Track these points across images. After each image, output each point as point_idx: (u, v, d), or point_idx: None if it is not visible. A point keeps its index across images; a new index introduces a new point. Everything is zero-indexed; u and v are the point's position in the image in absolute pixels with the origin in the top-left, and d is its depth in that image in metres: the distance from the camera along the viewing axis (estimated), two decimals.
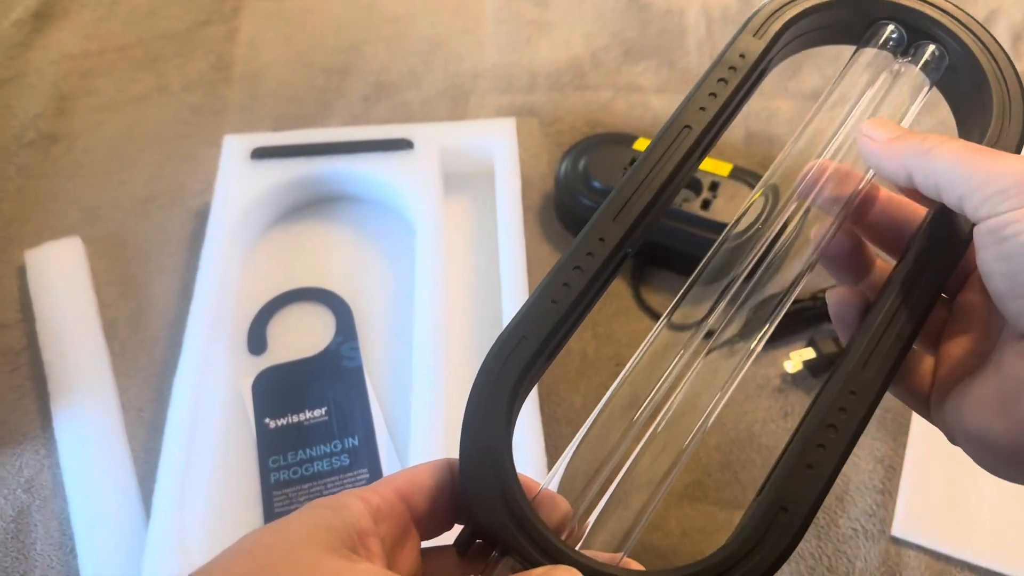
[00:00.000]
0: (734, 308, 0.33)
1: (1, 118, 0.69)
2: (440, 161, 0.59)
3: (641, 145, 0.60)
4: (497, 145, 0.59)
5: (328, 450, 0.50)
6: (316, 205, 0.61)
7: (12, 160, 0.66)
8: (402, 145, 0.59)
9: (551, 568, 0.25)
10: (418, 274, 0.54)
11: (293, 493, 0.48)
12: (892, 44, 0.34)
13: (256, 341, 0.55)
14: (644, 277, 0.59)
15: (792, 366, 0.53)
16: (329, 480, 0.49)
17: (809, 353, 0.53)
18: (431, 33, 0.73)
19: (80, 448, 0.51)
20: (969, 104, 0.33)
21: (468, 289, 0.57)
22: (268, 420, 0.51)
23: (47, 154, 0.67)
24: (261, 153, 0.59)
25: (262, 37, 0.74)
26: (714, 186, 0.58)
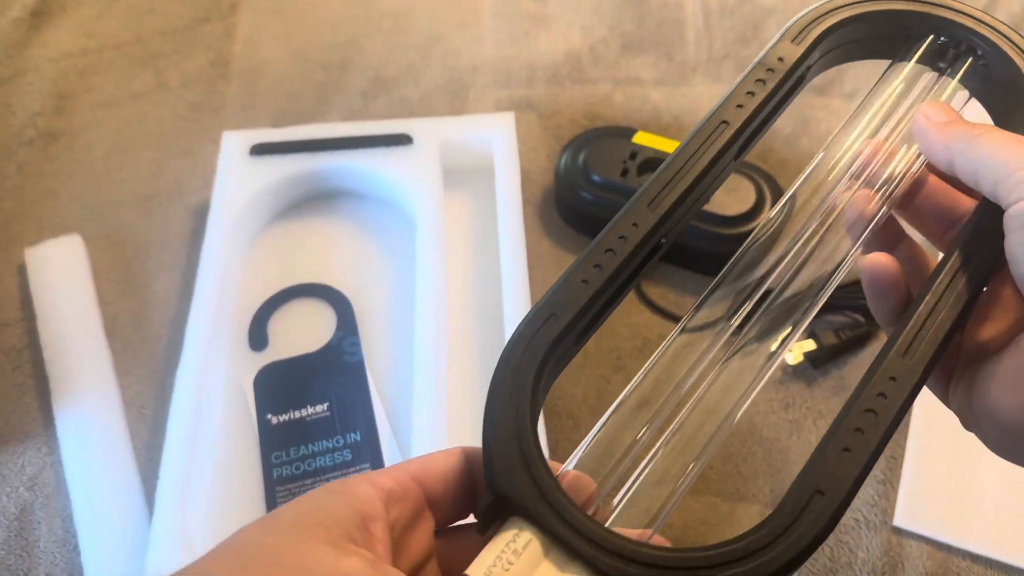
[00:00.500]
0: (769, 300, 0.34)
1: (0, 116, 0.69)
2: (440, 156, 0.59)
3: (640, 138, 0.60)
4: (496, 139, 0.59)
5: (330, 445, 0.50)
6: (316, 201, 0.61)
7: (12, 158, 0.66)
8: (401, 140, 0.59)
9: None
10: (419, 269, 0.54)
11: (296, 488, 0.49)
12: (929, 57, 0.35)
13: (257, 337, 0.55)
14: (644, 270, 0.58)
15: (793, 358, 0.53)
16: (332, 475, 0.49)
17: (810, 344, 0.53)
18: (429, 27, 0.73)
19: (82, 445, 0.51)
20: (1011, 114, 0.34)
21: (469, 284, 0.57)
22: (270, 416, 0.51)
23: (46, 152, 0.67)
24: (260, 149, 0.59)
25: (260, 33, 0.74)
26: None
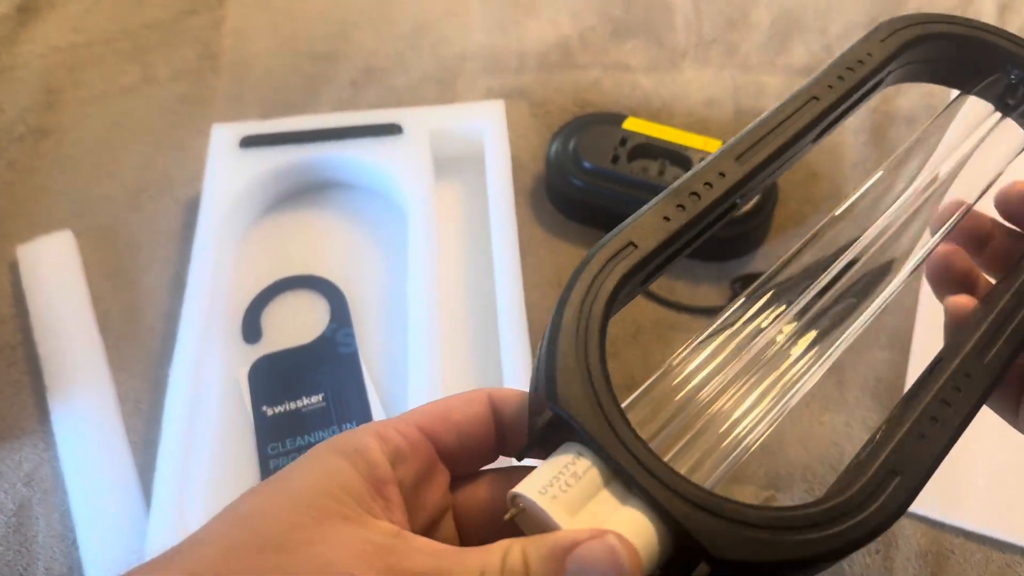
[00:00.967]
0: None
1: None
2: (430, 145, 0.59)
3: (631, 124, 0.60)
4: (486, 128, 0.59)
5: (326, 435, 0.50)
6: (307, 193, 0.60)
7: (2, 155, 0.66)
8: (391, 130, 0.59)
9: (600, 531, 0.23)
10: (411, 258, 0.54)
11: None
12: (999, 95, 0.36)
13: (251, 330, 0.55)
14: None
15: (763, 324, 0.53)
16: None
17: None
18: (417, 16, 0.73)
19: (79, 441, 0.51)
20: None
21: (461, 272, 0.57)
22: (265, 408, 0.51)
23: (36, 148, 0.67)
24: (250, 141, 0.59)
25: (248, 25, 0.74)
26: None
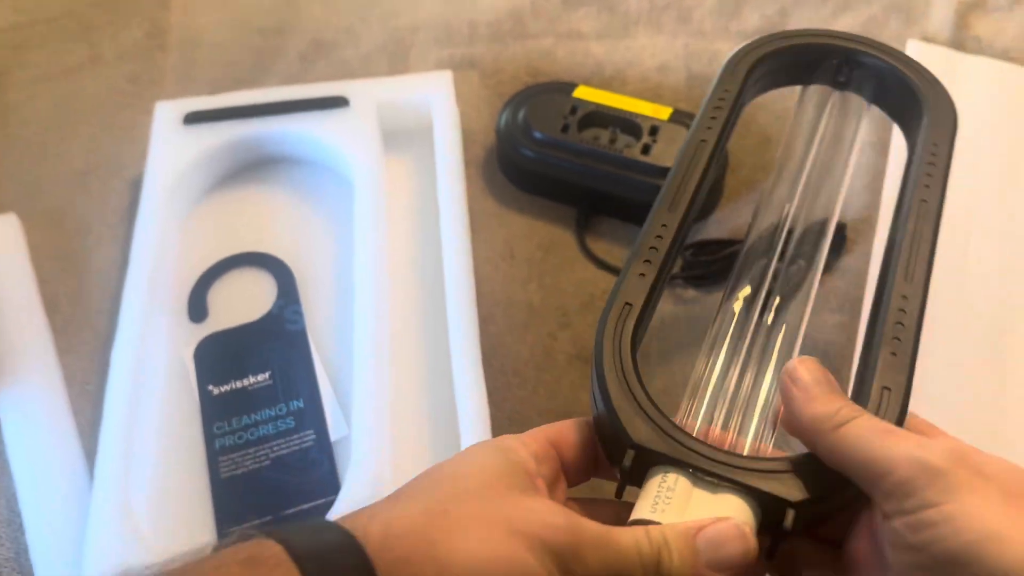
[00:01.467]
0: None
1: None
2: (377, 117, 0.58)
3: (581, 92, 0.60)
4: (434, 99, 0.59)
5: (273, 414, 0.50)
6: (254, 169, 0.60)
7: None
8: (337, 103, 0.58)
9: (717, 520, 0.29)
10: (357, 233, 0.53)
11: (239, 458, 0.48)
12: (831, 78, 0.46)
13: (197, 309, 0.54)
14: (588, 226, 0.58)
15: (737, 308, 0.53)
16: (275, 443, 0.49)
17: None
18: None
19: (25, 424, 0.51)
20: (902, 107, 0.45)
21: (411, 246, 0.56)
22: (211, 387, 0.51)
23: None
24: (194, 118, 0.58)
25: (196, 1, 0.72)
26: (654, 131, 0.57)
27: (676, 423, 0.32)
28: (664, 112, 0.58)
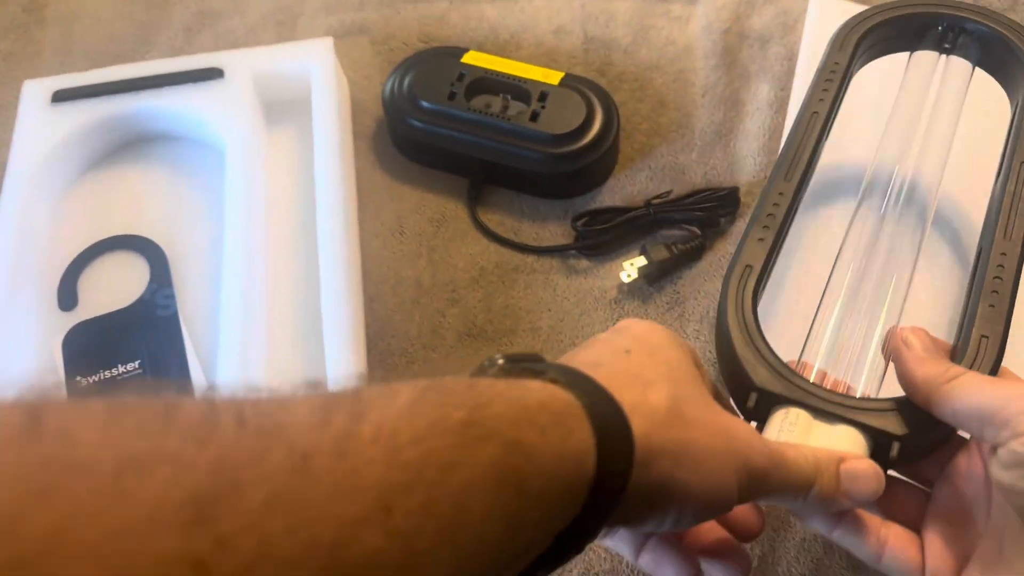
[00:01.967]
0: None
1: None
2: (254, 89, 0.56)
3: (470, 58, 0.57)
4: (314, 68, 0.56)
5: None
6: (129, 147, 0.57)
7: None
8: (212, 75, 0.55)
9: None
10: (227, 210, 0.51)
11: None
12: (936, 44, 0.49)
13: (67, 297, 0.51)
14: (480, 197, 0.56)
15: (627, 275, 0.51)
16: None
17: (640, 260, 0.51)
18: None
19: None
20: (1006, 70, 0.47)
21: (294, 224, 0.54)
22: (80, 379, 0.48)
23: None
24: (63, 96, 0.55)
25: None
26: (543, 96, 0.55)
27: (793, 370, 0.36)
28: (555, 77, 0.56)
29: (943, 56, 0.49)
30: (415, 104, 0.56)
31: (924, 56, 0.49)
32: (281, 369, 0.48)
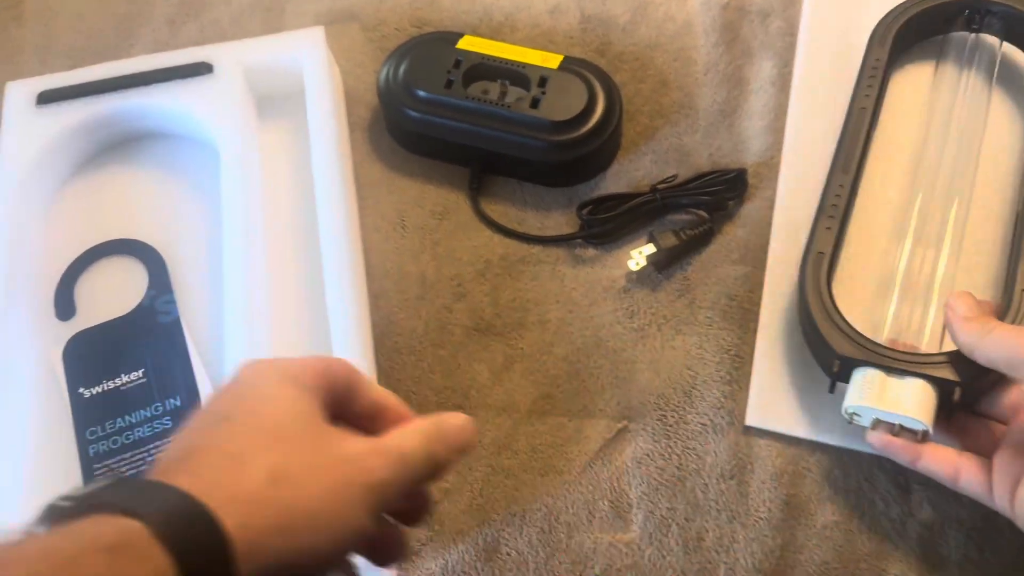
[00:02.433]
0: None
1: None
2: (245, 82, 0.54)
3: (466, 43, 0.56)
4: (306, 58, 0.54)
5: (148, 414, 0.47)
6: (119, 148, 0.55)
7: None
8: (201, 70, 0.54)
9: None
10: (225, 209, 0.49)
11: (115, 464, 0.45)
12: (965, 25, 0.54)
13: (64, 305, 0.50)
14: (482, 188, 0.55)
15: (635, 264, 0.50)
16: (152, 446, 0.46)
17: (649, 248, 0.50)
18: None
19: None
20: None
21: (292, 220, 0.53)
22: (82, 389, 0.47)
23: None
24: (48, 97, 0.54)
25: None
26: (543, 81, 0.54)
27: (866, 336, 0.43)
28: (554, 60, 0.55)
29: (972, 35, 0.54)
30: (411, 93, 0.54)
31: (956, 37, 0.55)
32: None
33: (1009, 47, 0.54)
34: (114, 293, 0.50)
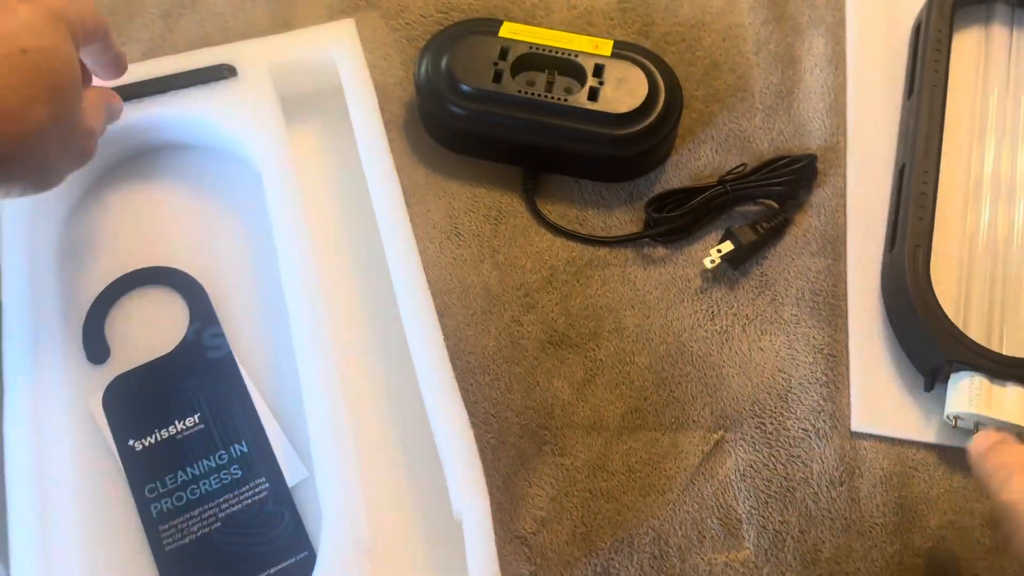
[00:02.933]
0: None
1: None
2: (273, 85, 0.49)
3: (508, 31, 0.52)
4: (339, 55, 0.50)
5: (213, 464, 0.42)
6: (137, 162, 0.49)
7: None
8: (223, 72, 0.48)
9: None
10: (275, 228, 0.45)
11: (183, 524, 0.41)
12: None
13: (95, 347, 0.45)
14: (538, 188, 0.51)
15: (711, 261, 0.48)
16: (223, 500, 0.41)
17: (727, 246, 0.48)
18: None
19: None
20: None
21: (337, 235, 0.48)
22: (132, 442, 0.43)
23: None
24: None
25: None
26: (599, 70, 0.50)
27: (969, 338, 0.42)
28: (605, 47, 0.51)
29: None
30: (455, 88, 0.50)
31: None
32: (363, 416, 0.44)
33: None
34: (151, 329, 0.45)
